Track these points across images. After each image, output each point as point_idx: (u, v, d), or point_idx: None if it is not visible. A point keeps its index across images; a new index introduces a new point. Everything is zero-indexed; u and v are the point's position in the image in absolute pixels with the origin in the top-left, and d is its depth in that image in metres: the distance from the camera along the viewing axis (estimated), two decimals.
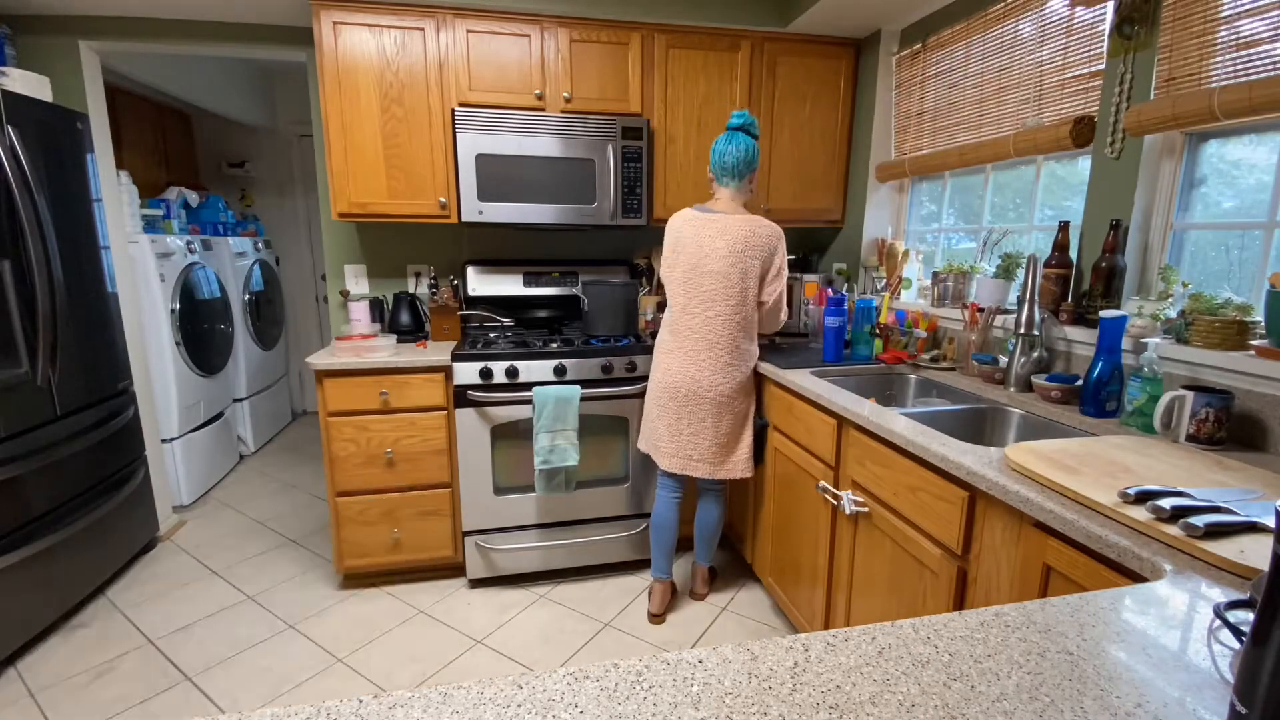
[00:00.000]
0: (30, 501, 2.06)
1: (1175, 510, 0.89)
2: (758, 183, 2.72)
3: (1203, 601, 0.74)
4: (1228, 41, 1.40)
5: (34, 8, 2.37)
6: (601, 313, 2.52)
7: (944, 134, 2.35)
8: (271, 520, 3.03)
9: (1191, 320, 1.43)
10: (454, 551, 2.42)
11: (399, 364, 2.22)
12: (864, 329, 2.20)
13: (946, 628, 0.69)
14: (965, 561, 1.27)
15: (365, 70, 2.30)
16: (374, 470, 2.29)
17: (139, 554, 2.68)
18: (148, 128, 3.65)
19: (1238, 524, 0.86)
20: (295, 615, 2.26)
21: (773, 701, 0.57)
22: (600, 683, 0.59)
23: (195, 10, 2.42)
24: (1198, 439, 1.29)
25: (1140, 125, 1.54)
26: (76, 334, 2.28)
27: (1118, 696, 0.58)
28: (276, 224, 4.54)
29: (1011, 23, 2.02)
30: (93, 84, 2.55)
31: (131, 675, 1.95)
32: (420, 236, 2.82)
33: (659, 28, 2.50)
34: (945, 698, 0.58)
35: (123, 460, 2.54)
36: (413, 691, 0.58)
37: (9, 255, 1.99)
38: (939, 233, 2.53)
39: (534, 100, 2.44)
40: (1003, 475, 1.14)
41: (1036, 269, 1.70)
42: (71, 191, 2.28)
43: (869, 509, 1.60)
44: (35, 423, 2.09)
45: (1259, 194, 1.44)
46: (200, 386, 3.30)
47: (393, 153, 2.37)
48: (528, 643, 2.11)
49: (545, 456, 2.28)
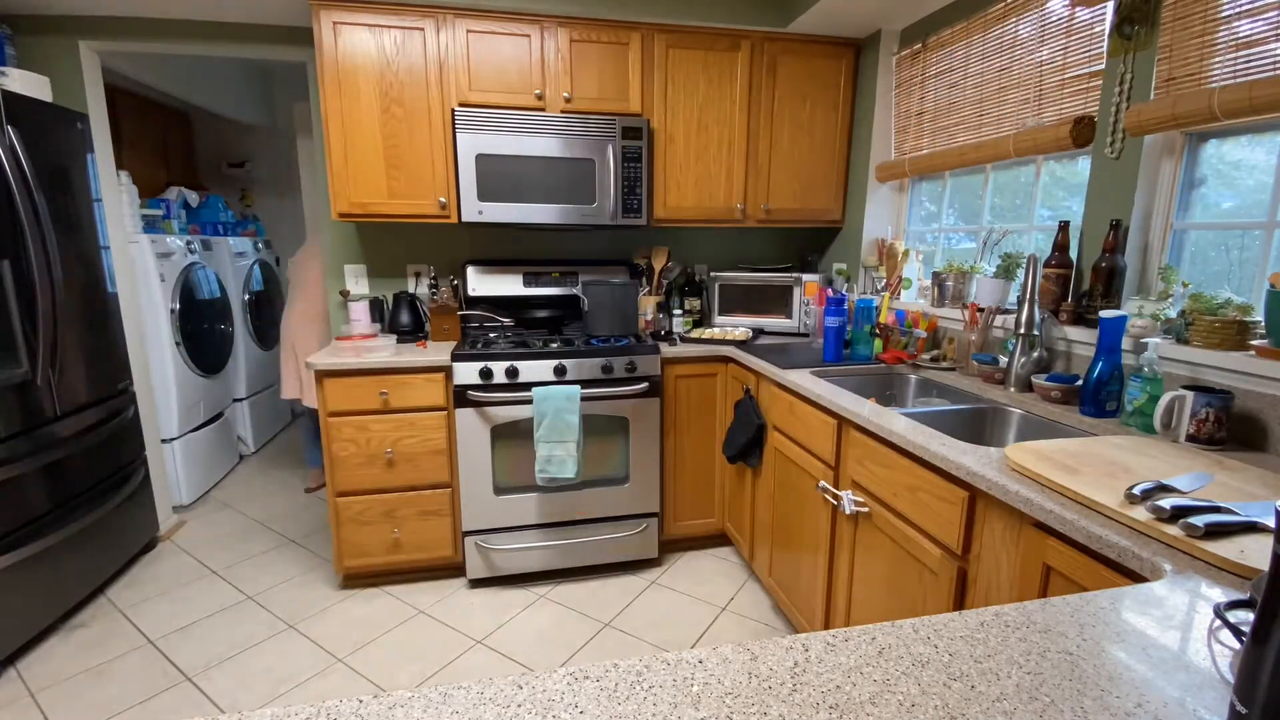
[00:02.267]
0: (30, 501, 2.06)
1: (1175, 510, 0.89)
2: (758, 182, 2.72)
3: (1203, 601, 0.74)
4: (1227, 41, 1.40)
5: (34, 8, 2.37)
6: (601, 313, 2.51)
7: (944, 134, 2.35)
8: (271, 520, 3.03)
9: (1191, 320, 1.43)
10: (454, 552, 2.42)
11: (399, 364, 2.22)
12: (864, 329, 2.20)
13: (946, 628, 0.69)
14: (965, 561, 1.27)
15: (365, 70, 2.30)
16: (374, 470, 2.28)
17: (139, 554, 2.67)
18: (148, 128, 3.65)
19: (1237, 524, 0.86)
20: (295, 615, 2.26)
21: (773, 701, 0.57)
22: (600, 683, 0.59)
23: (195, 10, 2.42)
24: (1198, 439, 1.28)
25: (1140, 125, 1.54)
26: (76, 334, 2.28)
27: (1118, 696, 0.58)
28: (276, 224, 4.54)
29: (1011, 23, 2.02)
30: (93, 84, 2.55)
31: (131, 675, 1.95)
32: (420, 236, 2.82)
33: (659, 28, 2.50)
34: (945, 698, 0.58)
35: (123, 460, 2.54)
36: (413, 691, 0.58)
37: (9, 255, 1.99)
38: (939, 233, 2.53)
39: (534, 100, 2.44)
40: (1003, 475, 1.14)
41: (1036, 269, 1.70)
42: (71, 191, 2.28)
43: (869, 509, 1.60)
44: (35, 423, 2.09)
45: (1259, 194, 1.44)
46: (200, 386, 3.30)
47: (393, 153, 2.37)
48: (528, 643, 2.11)
49: (543, 466, 2.28)
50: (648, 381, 2.40)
